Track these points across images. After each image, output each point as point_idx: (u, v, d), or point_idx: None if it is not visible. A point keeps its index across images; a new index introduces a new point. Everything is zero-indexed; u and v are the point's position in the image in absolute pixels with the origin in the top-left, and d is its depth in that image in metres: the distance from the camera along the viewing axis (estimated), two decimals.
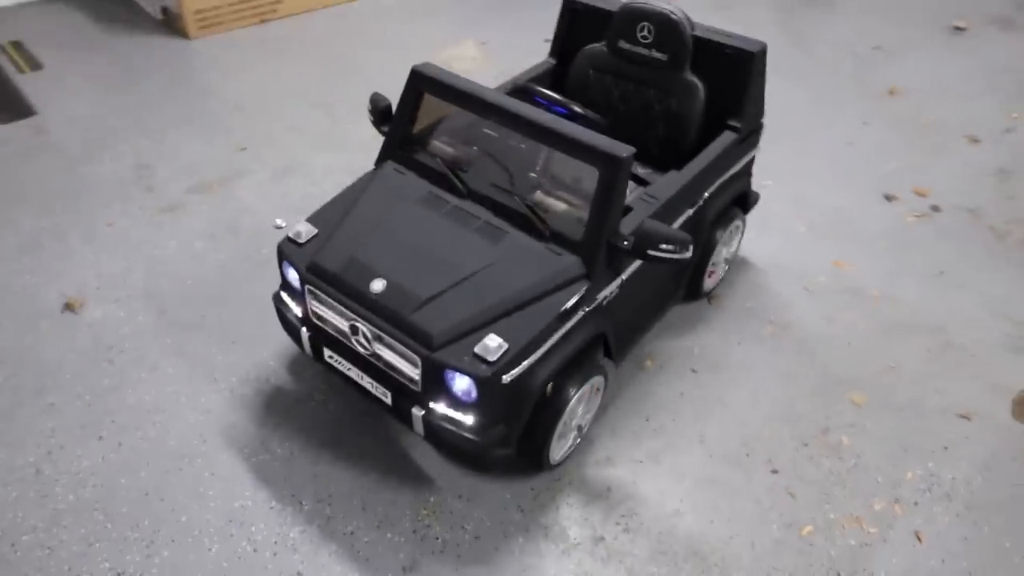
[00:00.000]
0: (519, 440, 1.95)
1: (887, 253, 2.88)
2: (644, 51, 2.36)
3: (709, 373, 2.41)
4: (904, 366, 2.46)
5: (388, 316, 1.84)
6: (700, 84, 2.34)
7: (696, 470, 2.14)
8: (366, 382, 1.97)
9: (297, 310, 2.09)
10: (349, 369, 2.00)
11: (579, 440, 2.16)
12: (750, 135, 2.47)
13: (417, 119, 2.18)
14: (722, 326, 2.57)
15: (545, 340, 1.83)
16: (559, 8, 2.64)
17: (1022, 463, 2.18)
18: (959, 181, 3.25)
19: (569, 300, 1.85)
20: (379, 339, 1.88)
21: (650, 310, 2.39)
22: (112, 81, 3.77)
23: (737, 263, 2.79)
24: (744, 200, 2.63)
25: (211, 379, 2.33)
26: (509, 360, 1.76)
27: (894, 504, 2.07)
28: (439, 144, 2.17)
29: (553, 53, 2.69)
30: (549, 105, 2.19)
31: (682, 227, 2.25)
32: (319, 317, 2.01)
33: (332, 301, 1.93)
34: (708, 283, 2.61)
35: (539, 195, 2.05)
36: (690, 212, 2.29)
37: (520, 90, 2.28)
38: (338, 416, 2.23)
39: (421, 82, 2.10)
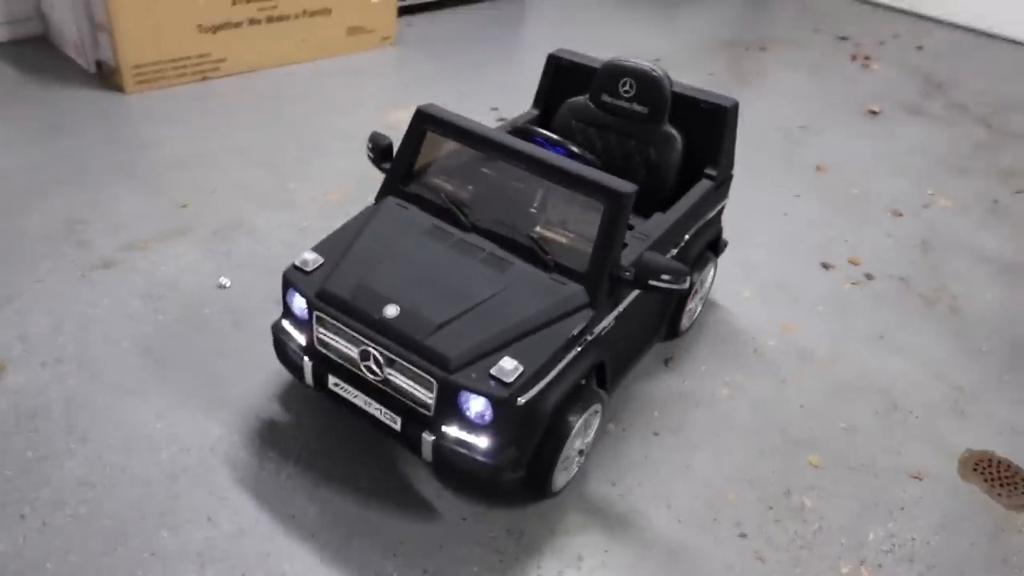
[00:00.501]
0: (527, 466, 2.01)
1: (829, 317, 2.99)
2: (626, 104, 2.53)
3: (671, 436, 2.40)
4: (856, 427, 2.52)
5: (403, 340, 1.89)
6: (678, 135, 2.52)
7: (666, 535, 2.10)
8: (374, 408, 1.99)
9: (300, 339, 2.09)
10: (356, 396, 2.01)
11: (582, 461, 2.23)
12: (723, 183, 2.67)
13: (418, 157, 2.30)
14: (680, 388, 2.58)
15: (555, 365, 1.92)
16: (543, 64, 2.85)
17: (974, 522, 2.24)
18: (887, 251, 3.43)
19: (575, 327, 1.95)
20: (391, 363, 1.92)
21: (637, 345, 2.50)
22: (43, 134, 3.59)
23: (691, 327, 2.83)
24: (716, 244, 2.81)
25: (150, 449, 2.16)
26: (524, 382, 1.83)
27: (860, 566, 2.08)
28: (440, 181, 2.27)
29: (537, 104, 2.87)
30: (548, 145, 2.32)
31: None
32: (325, 345, 2.03)
33: (343, 327, 1.96)
34: (684, 322, 2.73)
35: (540, 229, 2.16)
36: (674, 252, 2.44)
37: (520, 131, 2.43)
38: (293, 485, 2.10)
39: (425, 121, 2.22)
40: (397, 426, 1.96)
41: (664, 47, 5.31)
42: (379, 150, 2.32)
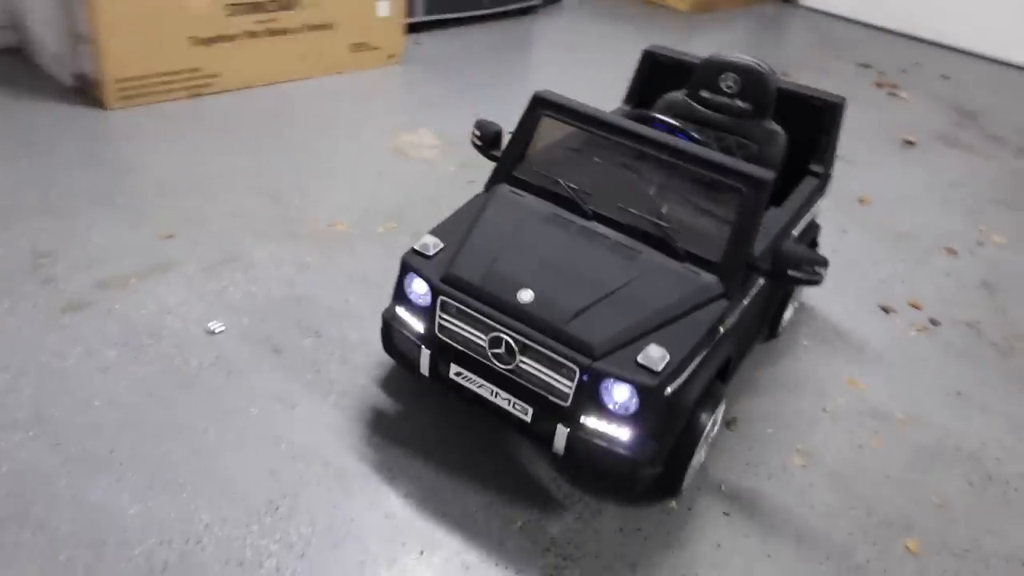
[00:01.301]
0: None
1: (899, 370, 2.65)
2: (727, 100, 2.46)
3: (745, 518, 2.04)
4: (950, 503, 2.17)
5: (540, 326, 1.82)
6: (783, 132, 2.43)
7: None
8: (501, 399, 1.90)
9: (418, 327, 2.00)
10: (481, 386, 1.92)
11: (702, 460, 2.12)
12: (827, 181, 2.65)
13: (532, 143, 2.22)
14: (746, 457, 2.22)
15: (697, 355, 1.84)
16: (638, 58, 2.84)
17: None
18: (948, 293, 3.12)
19: (713, 318, 1.89)
20: (526, 350, 1.83)
21: (748, 342, 2.37)
22: (10, 152, 3.21)
23: (748, 382, 2.49)
24: (815, 243, 2.74)
25: (122, 543, 1.76)
26: (672, 371, 1.77)
27: None
28: (555, 168, 2.18)
29: (629, 99, 2.85)
30: (669, 130, 2.22)
31: None
32: (448, 332, 1.94)
33: (473, 312, 1.88)
34: (784, 322, 2.68)
35: (666, 216, 2.06)
36: None
37: (636, 116, 2.31)
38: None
39: (542, 106, 2.18)
40: (528, 417, 1.87)
41: None
42: (488, 137, 2.28)
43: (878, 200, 3.78)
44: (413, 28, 4.94)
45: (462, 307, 1.89)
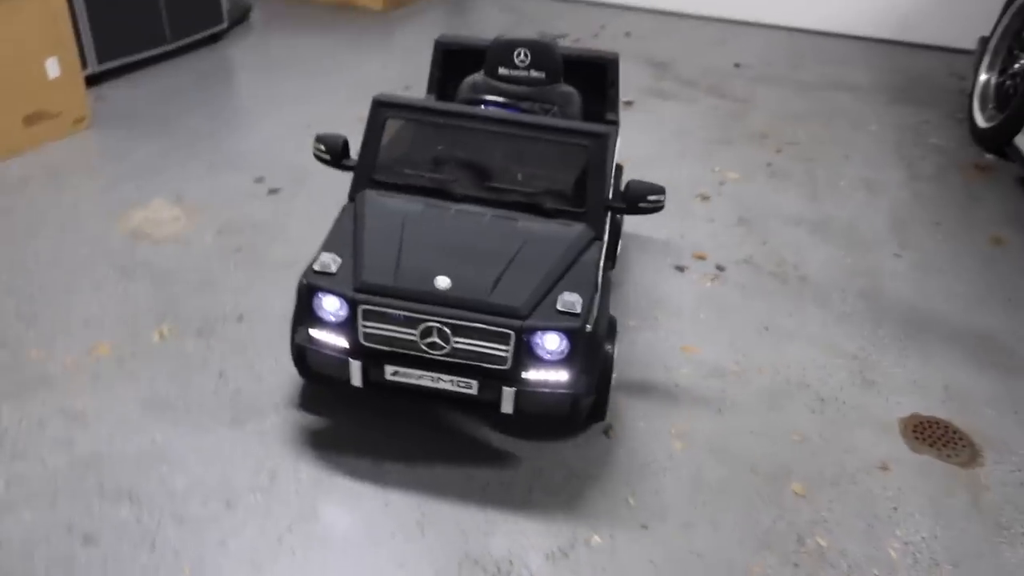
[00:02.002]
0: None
1: (713, 323, 2.86)
2: (523, 73, 2.70)
3: (661, 524, 2.05)
4: (807, 435, 2.39)
5: (467, 305, 1.94)
6: (575, 91, 2.75)
7: None
8: (444, 383, 2.01)
9: (340, 342, 2.03)
10: (421, 377, 2.01)
11: None
12: (617, 127, 2.98)
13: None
14: (636, 459, 2.24)
15: (596, 292, 2.08)
16: (430, 53, 3.01)
17: (953, 495, 2.22)
18: (719, 237, 3.42)
19: (596, 257, 2.15)
20: (458, 331, 1.94)
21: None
22: None
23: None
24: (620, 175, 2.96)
25: None
26: (586, 310, 1.98)
27: None
28: (411, 164, 2.33)
29: (431, 89, 3.04)
30: (501, 107, 2.52)
31: None
32: (374, 338, 1.99)
33: (398, 312, 1.95)
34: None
35: (524, 183, 2.30)
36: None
37: (467, 102, 2.63)
38: None
39: (386, 108, 2.28)
40: (473, 390, 2.00)
41: (395, 77, 4.92)
42: (335, 149, 2.32)
43: (630, 166, 4.03)
44: (89, 82, 4.20)
45: (386, 310, 1.95)
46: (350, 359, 2.01)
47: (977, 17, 5.71)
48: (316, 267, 2.02)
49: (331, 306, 1.99)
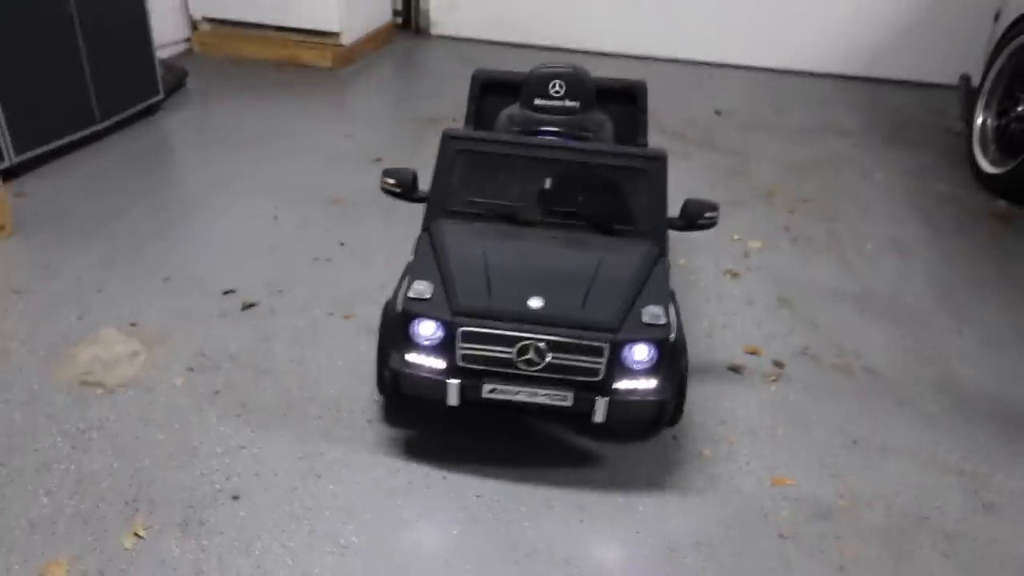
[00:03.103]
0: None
1: (794, 440, 2.45)
2: (559, 103, 2.78)
3: None
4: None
5: (561, 323, 2.04)
6: (607, 117, 2.89)
7: None
8: (540, 397, 2.08)
9: (437, 364, 2.10)
10: (518, 392, 2.08)
11: None
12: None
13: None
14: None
15: (671, 304, 2.21)
16: (468, 84, 3.16)
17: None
18: (766, 324, 3.04)
19: (666, 271, 2.29)
20: (554, 347, 2.04)
21: None
22: None
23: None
24: None
25: None
26: (669, 321, 2.11)
27: None
28: (481, 192, 2.41)
29: (469, 122, 3.16)
30: (563, 135, 2.67)
31: None
32: (473, 358, 2.07)
33: (497, 332, 2.03)
34: None
35: (587, 205, 2.42)
36: None
37: (525, 133, 2.69)
38: None
39: (455, 142, 2.39)
40: (568, 402, 2.08)
41: (361, 147, 4.42)
42: (407, 183, 2.46)
43: None
44: (7, 176, 3.56)
45: (485, 331, 2.03)
46: (448, 380, 2.08)
47: (945, 51, 5.67)
48: (411, 294, 2.10)
49: (427, 330, 2.08)
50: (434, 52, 6.36)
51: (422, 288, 2.10)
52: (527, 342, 2.03)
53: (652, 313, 2.09)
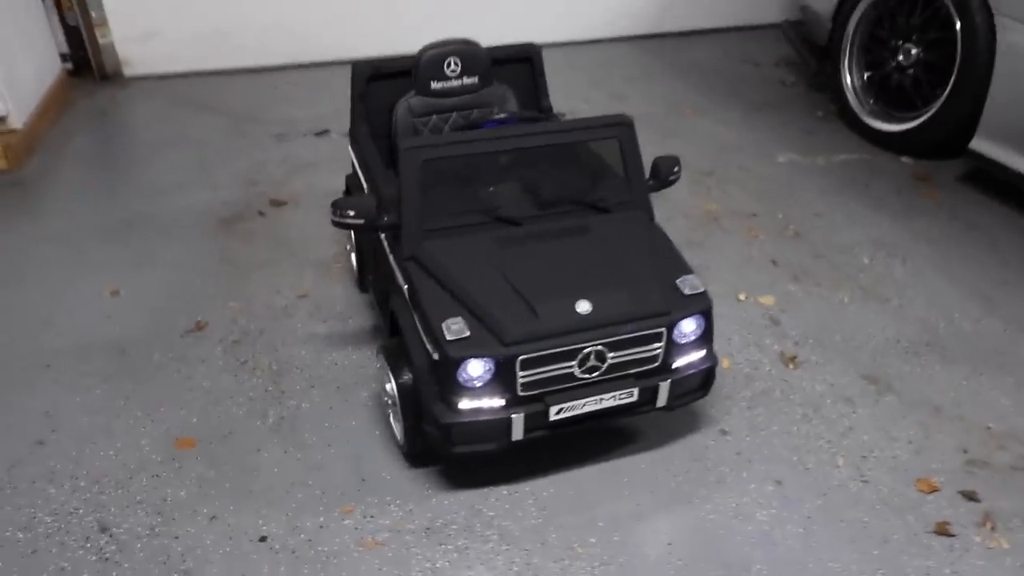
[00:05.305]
0: None
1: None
2: (457, 82, 2.60)
3: None
4: None
5: (616, 321, 1.94)
6: (508, 87, 2.68)
7: None
8: (606, 401, 1.98)
9: (495, 402, 1.93)
10: (584, 404, 1.97)
11: None
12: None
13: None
14: None
15: None
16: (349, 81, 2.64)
17: None
18: (894, 431, 2.30)
19: (664, 234, 2.24)
20: (615, 347, 1.94)
21: None
22: None
23: None
24: None
25: None
26: (703, 286, 2.07)
27: None
28: (451, 203, 2.18)
29: (359, 121, 2.71)
30: (505, 122, 2.40)
31: None
32: (534, 384, 1.93)
33: (559, 350, 1.91)
34: None
35: (566, 186, 2.28)
36: None
37: (471, 125, 2.50)
38: None
39: (416, 152, 2.08)
40: (635, 397, 2.00)
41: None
42: (369, 212, 2.11)
43: None
44: None
45: (547, 352, 1.89)
46: (511, 414, 1.91)
47: None
48: (451, 336, 1.88)
49: (476, 371, 1.89)
50: (141, 104, 4.51)
51: (458, 327, 1.90)
52: (588, 349, 1.92)
53: (691, 284, 2.05)
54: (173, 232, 3.26)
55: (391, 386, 2.09)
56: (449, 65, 2.57)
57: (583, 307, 1.94)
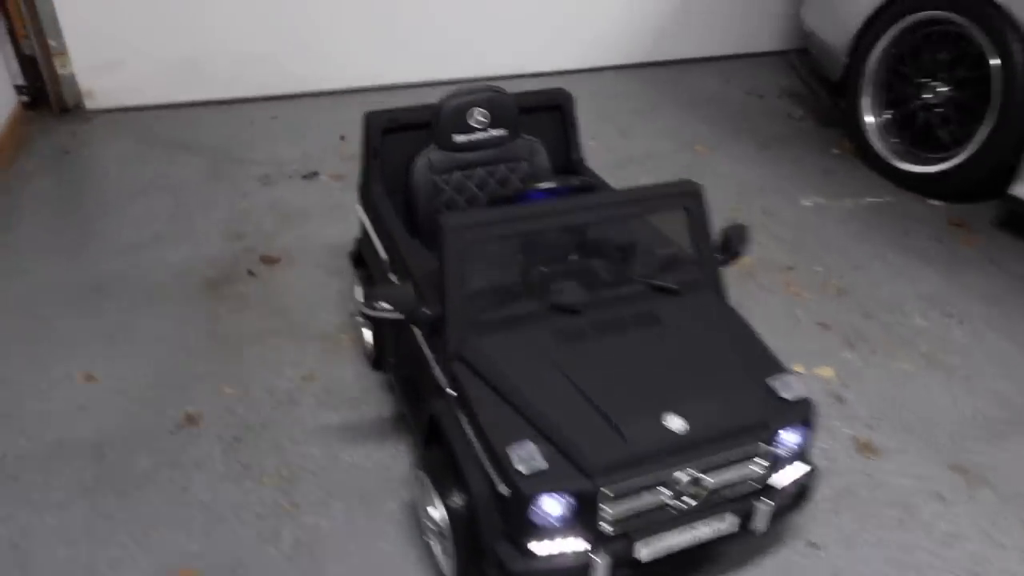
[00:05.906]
0: None
1: None
2: (483, 135, 2.37)
3: None
4: None
5: (712, 438, 1.65)
6: (537, 140, 2.45)
7: None
8: (703, 531, 1.68)
9: (576, 546, 1.60)
10: (679, 537, 1.66)
11: None
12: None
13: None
14: None
15: None
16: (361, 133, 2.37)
17: None
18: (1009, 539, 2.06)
19: (740, 316, 1.96)
20: (712, 470, 1.64)
21: None
22: None
23: None
24: None
25: None
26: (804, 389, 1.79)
27: None
28: (501, 293, 1.88)
29: (372, 182, 2.42)
30: (559, 190, 2.05)
31: None
32: (623, 520, 1.61)
33: (646, 479, 1.59)
34: None
35: (627, 264, 2.00)
36: None
37: (511, 196, 2.05)
38: None
39: (462, 233, 1.78)
40: (733, 525, 1.71)
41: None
42: (409, 304, 1.78)
43: None
44: None
45: (641, 481, 1.59)
46: (594, 557, 1.59)
47: (710, 25, 5.18)
48: (522, 468, 1.55)
49: (552, 507, 1.56)
50: (107, 141, 4.09)
51: (529, 455, 1.57)
52: (681, 474, 1.62)
53: (790, 386, 1.76)
54: (152, 297, 2.87)
55: (437, 513, 1.75)
56: (474, 116, 2.34)
57: (676, 424, 1.64)
